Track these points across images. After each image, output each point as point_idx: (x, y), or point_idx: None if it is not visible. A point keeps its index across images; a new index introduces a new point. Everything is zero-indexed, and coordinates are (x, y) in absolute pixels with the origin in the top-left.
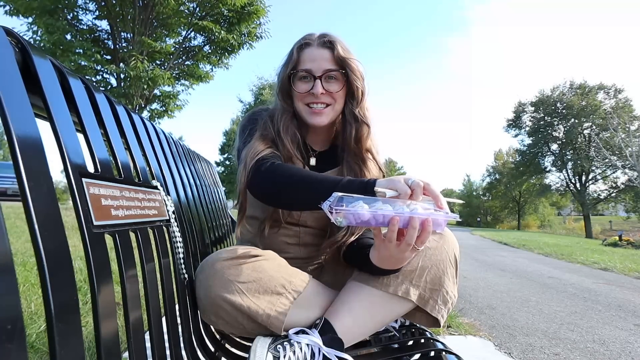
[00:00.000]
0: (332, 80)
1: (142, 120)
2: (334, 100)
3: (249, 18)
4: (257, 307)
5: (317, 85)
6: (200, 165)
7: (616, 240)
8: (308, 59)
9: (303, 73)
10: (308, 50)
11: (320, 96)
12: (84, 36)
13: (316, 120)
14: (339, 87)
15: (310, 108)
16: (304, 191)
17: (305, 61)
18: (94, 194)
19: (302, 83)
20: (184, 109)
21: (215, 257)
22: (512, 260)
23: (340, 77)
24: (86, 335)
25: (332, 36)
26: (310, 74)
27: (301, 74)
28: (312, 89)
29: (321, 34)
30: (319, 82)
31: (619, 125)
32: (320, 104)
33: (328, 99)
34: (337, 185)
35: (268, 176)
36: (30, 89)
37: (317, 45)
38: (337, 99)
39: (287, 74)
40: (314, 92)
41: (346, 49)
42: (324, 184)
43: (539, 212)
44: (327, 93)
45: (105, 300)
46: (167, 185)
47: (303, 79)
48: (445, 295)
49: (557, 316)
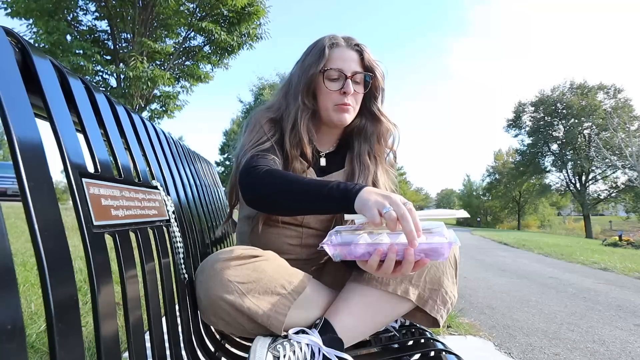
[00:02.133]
0: (358, 82)
1: (142, 121)
2: (356, 102)
3: (249, 18)
4: (257, 308)
5: (348, 84)
6: (200, 165)
7: (616, 240)
8: (339, 58)
9: (335, 72)
10: (338, 50)
11: (349, 96)
12: (83, 37)
13: (344, 118)
14: (362, 90)
15: (337, 106)
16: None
17: (336, 60)
18: (94, 194)
19: (332, 82)
20: (184, 109)
21: (215, 257)
22: (512, 260)
23: (363, 80)
24: (86, 335)
25: (358, 40)
26: (342, 73)
27: (333, 72)
28: (344, 87)
29: (347, 37)
30: (350, 81)
31: (618, 125)
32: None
33: (352, 100)
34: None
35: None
36: (30, 89)
37: (347, 46)
38: (359, 101)
39: (319, 70)
40: (346, 91)
41: (372, 54)
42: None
43: (539, 212)
44: (354, 94)
45: (105, 300)
46: (167, 186)
47: (333, 78)
48: (445, 295)
49: (557, 316)
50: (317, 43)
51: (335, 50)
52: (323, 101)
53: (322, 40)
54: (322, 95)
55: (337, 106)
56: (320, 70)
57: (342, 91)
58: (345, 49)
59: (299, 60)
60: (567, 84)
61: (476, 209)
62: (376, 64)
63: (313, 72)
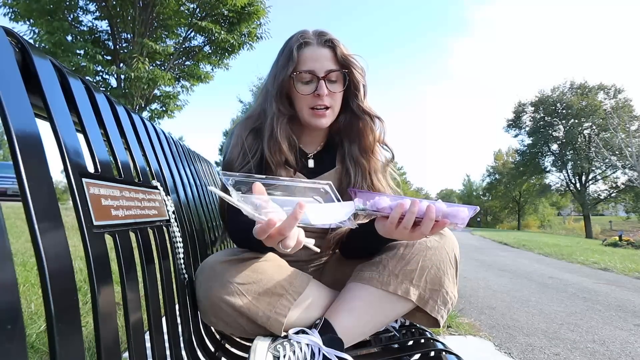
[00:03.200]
0: (334, 80)
1: (142, 121)
2: (334, 102)
3: (249, 18)
4: (256, 309)
5: (321, 86)
6: (200, 165)
7: (616, 241)
8: (310, 58)
9: (306, 74)
10: (308, 50)
11: (324, 97)
12: (84, 37)
13: (320, 122)
14: (341, 88)
15: (313, 110)
16: None
17: (307, 61)
18: (94, 194)
19: (305, 85)
20: (184, 109)
21: (216, 258)
22: (512, 261)
23: (341, 77)
24: (86, 335)
25: (330, 34)
26: (314, 75)
27: (304, 75)
28: (317, 90)
29: (318, 31)
30: (323, 82)
31: (619, 125)
32: (322, 106)
33: (329, 100)
34: None
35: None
36: (30, 89)
37: (317, 44)
38: (337, 99)
39: (289, 75)
40: (320, 93)
41: (346, 47)
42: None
43: (539, 212)
44: (330, 94)
45: (105, 301)
46: (167, 186)
47: (305, 80)
48: (445, 295)
49: (557, 316)
50: (287, 44)
51: (305, 50)
52: (298, 105)
53: (290, 40)
54: (296, 100)
55: (312, 110)
56: (289, 75)
57: (316, 94)
58: (316, 47)
59: (273, 63)
60: (567, 84)
61: None
62: (352, 58)
63: (283, 77)
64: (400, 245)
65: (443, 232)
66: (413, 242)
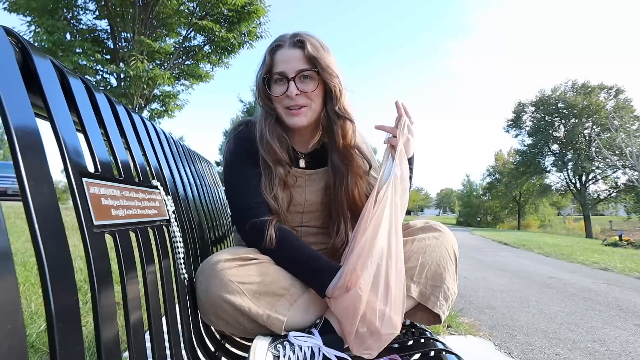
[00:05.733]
0: (307, 79)
1: (142, 120)
2: (311, 100)
3: (249, 17)
4: (257, 308)
5: (290, 87)
6: (200, 165)
7: (616, 240)
8: (281, 60)
9: (277, 76)
10: (280, 52)
11: (296, 97)
12: (83, 36)
13: (294, 121)
14: (314, 86)
15: (288, 109)
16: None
17: (279, 63)
18: (94, 194)
19: (278, 86)
20: (184, 108)
21: (216, 258)
22: (512, 260)
23: (315, 75)
24: (86, 335)
25: (303, 35)
26: (283, 76)
27: (276, 76)
28: (287, 91)
29: (293, 33)
30: (293, 83)
31: (620, 125)
32: (296, 105)
33: (303, 99)
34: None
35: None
36: (30, 88)
37: (289, 45)
38: (314, 98)
39: (262, 77)
40: (289, 94)
41: (317, 47)
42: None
43: (539, 212)
44: (302, 94)
45: (105, 300)
46: (167, 185)
47: (278, 82)
48: (447, 291)
49: (557, 316)
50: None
51: (278, 52)
52: (275, 106)
53: (269, 44)
54: (273, 101)
55: (287, 109)
56: (263, 77)
57: (285, 95)
58: (287, 49)
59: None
60: (568, 83)
61: (476, 209)
62: (319, 57)
63: (259, 79)
64: None
65: (441, 230)
66: (412, 241)
